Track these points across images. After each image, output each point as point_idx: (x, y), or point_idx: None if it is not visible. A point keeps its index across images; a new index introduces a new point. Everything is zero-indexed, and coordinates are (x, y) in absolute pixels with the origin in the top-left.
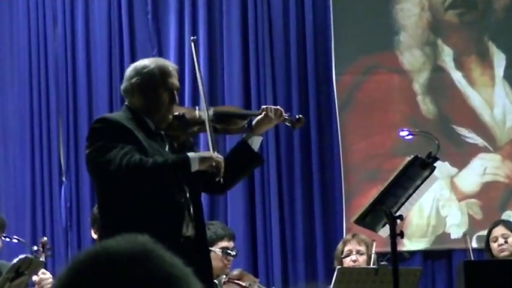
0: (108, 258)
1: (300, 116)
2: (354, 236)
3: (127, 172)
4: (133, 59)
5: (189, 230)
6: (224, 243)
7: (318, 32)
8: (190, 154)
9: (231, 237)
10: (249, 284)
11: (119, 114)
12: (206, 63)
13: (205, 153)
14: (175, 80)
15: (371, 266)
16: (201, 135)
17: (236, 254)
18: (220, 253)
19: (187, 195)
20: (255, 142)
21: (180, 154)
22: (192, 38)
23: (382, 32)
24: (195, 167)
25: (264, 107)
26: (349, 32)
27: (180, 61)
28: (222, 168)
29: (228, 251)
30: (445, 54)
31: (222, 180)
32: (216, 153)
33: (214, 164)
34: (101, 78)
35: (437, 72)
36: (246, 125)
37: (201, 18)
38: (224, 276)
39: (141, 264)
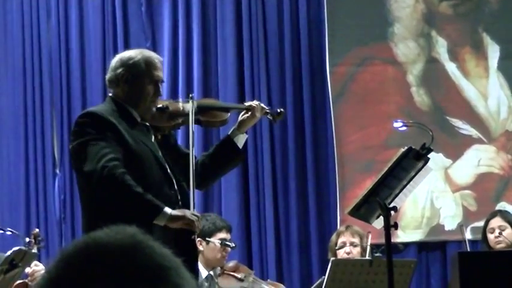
0: (98, 250)
1: (281, 109)
2: (347, 227)
3: (101, 177)
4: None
5: None
6: (223, 235)
7: (312, 23)
8: (166, 209)
9: (229, 229)
10: (244, 276)
11: (103, 107)
12: (200, 56)
13: (180, 211)
14: (160, 72)
15: (365, 257)
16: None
17: (235, 246)
18: (219, 244)
19: (175, 187)
20: (240, 140)
21: (157, 202)
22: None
23: (377, 23)
24: (160, 221)
25: (250, 104)
26: (343, 23)
27: (174, 53)
28: (196, 228)
29: (227, 243)
30: (439, 45)
31: (195, 238)
32: (191, 211)
33: (186, 222)
34: (95, 70)
35: (432, 63)
36: (227, 119)
37: (195, 10)
38: (219, 268)
39: (131, 256)
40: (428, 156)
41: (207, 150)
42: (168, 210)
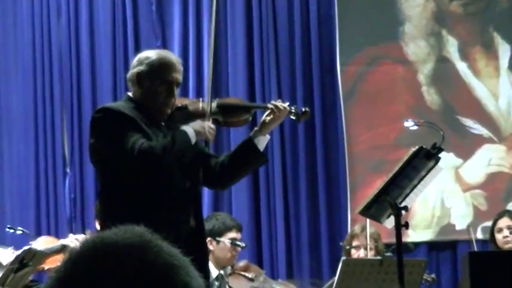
0: (106, 249)
1: (306, 109)
2: (362, 230)
3: (139, 159)
4: (137, 50)
5: (191, 221)
6: (233, 234)
7: (323, 22)
8: (186, 128)
9: (240, 229)
10: (255, 276)
11: (120, 104)
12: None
13: (200, 127)
14: (176, 74)
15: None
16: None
17: (245, 246)
18: (229, 244)
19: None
20: (261, 142)
21: (176, 134)
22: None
23: (387, 22)
24: (194, 140)
25: (275, 104)
26: (353, 23)
27: (184, 52)
28: (212, 136)
29: (237, 242)
30: (450, 44)
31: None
32: (208, 123)
33: (205, 133)
34: (105, 68)
35: (442, 63)
36: (250, 119)
37: (206, 9)
38: (230, 267)
39: (140, 255)
40: (439, 155)
41: (216, 151)
42: (188, 129)
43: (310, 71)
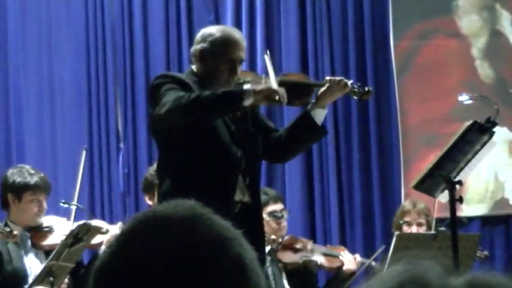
0: (158, 223)
1: (369, 88)
2: (414, 206)
3: (179, 109)
4: (190, 25)
5: (245, 196)
6: (270, 208)
7: None
8: (246, 86)
9: (277, 199)
10: (303, 246)
11: (180, 74)
12: (263, 29)
13: (263, 85)
14: (239, 52)
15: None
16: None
17: (282, 216)
18: (268, 218)
19: (244, 154)
20: (318, 114)
21: (233, 88)
22: (266, 52)
23: None
24: (248, 100)
25: (327, 78)
26: None
27: (237, 26)
28: (282, 97)
29: (276, 214)
30: (504, 18)
31: (285, 101)
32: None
33: (271, 91)
34: (158, 43)
35: (495, 36)
36: (310, 100)
37: None
38: (277, 243)
39: (192, 228)
40: (493, 129)
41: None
42: (247, 86)
43: (363, 46)
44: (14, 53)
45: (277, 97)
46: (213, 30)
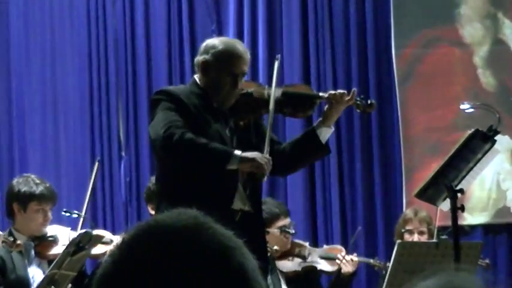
0: (160, 232)
1: (372, 101)
2: (416, 214)
3: (164, 142)
4: (192, 34)
5: (246, 206)
6: (281, 222)
7: (378, 5)
8: (236, 151)
9: (287, 214)
10: (299, 251)
11: (181, 88)
12: (265, 37)
13: (250, 154)
14: (242, 65)
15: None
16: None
17: (295, 232)
18: (278, 233)
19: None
20: (324, 133)
21: (225, 147)
22: (277, 56)
23: (443, 5)
24: (232, 165)
25: (331, 93)
26: (409, 5)
27: (239, 36)
28: (265, 170)
29: (287, 230)
30: (506, 27)
31: (266, 177)
32: (264, 153)
33: (256, 166)
34: (160, 52)
35: (498, 45)
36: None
37: None
38: (274, 252)
39: (194, 237)
40: (495, 138)
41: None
42: (237, 152)
43: (366, 54)
44: (17, 62)
45: (260, 172)
46: (216, 42)
